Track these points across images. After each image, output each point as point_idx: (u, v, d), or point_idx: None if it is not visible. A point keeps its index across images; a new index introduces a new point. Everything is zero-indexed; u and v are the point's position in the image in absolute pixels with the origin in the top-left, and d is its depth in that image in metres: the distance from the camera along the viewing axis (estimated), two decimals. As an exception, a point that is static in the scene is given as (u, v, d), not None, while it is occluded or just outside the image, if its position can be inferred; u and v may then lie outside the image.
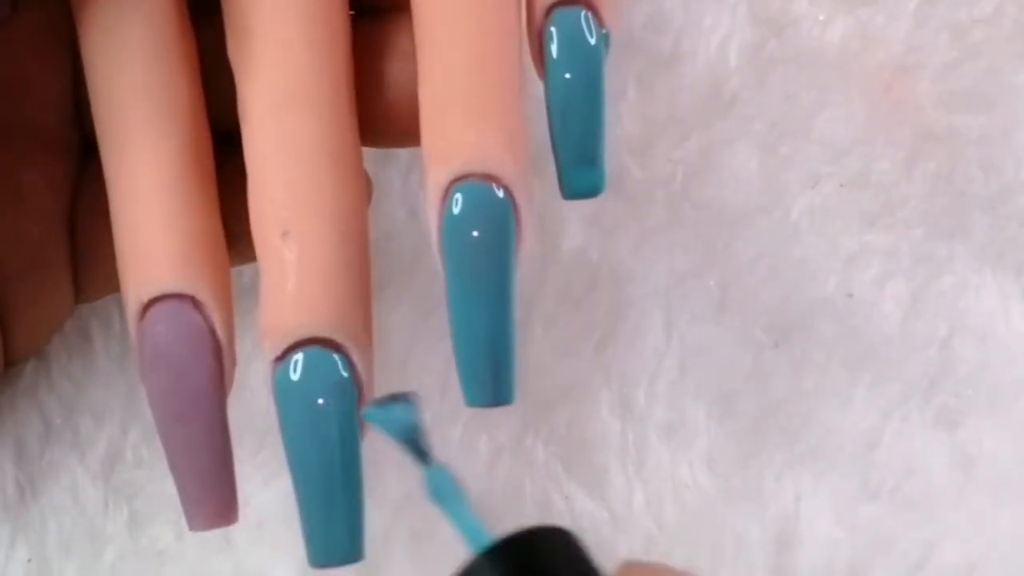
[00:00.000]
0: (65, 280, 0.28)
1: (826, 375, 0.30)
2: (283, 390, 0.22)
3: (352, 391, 0.23)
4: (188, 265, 0.23)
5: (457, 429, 0.29)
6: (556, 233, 0.31)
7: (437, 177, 0.22)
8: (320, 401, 0.22)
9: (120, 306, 0.30)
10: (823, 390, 0.30)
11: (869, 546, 0.29)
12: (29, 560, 0.29)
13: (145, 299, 0.23)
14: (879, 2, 0.32)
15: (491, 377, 0.23)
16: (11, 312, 0.27)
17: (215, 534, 0.29)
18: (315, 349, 0.22)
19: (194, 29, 0.25)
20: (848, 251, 0.31)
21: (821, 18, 0.32)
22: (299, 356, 0.22)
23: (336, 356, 0.22)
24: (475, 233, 0.22)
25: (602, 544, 0.29)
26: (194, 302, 0.23)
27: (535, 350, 0.30)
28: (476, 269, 0.22)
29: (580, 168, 0.23)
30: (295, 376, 0.22)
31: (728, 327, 0.31)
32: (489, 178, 0.22)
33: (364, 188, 0.24)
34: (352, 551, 0.23)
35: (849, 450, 0.30)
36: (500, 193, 0.22)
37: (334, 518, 0.22)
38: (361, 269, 0.23)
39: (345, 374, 0.22)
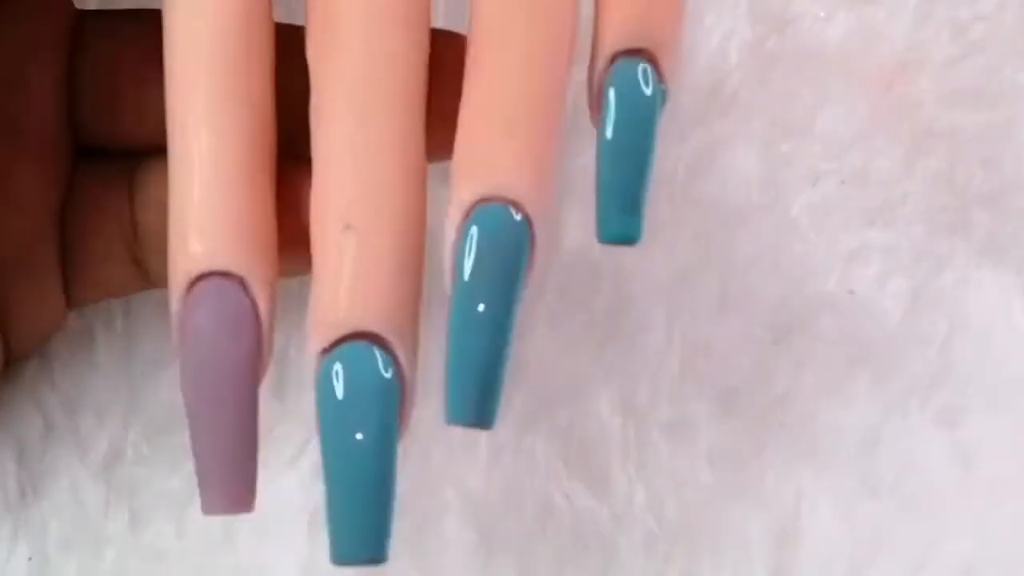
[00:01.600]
0: (55, 282, 0.28)
1: (827, 372, 0.30)
2: (326, 382, 0.22)
3: (395, 389, 0.23)
4: (240, 246, 0.23)
5: (458, 428, 0.29)
6: (558, 232, 0.31)
7: (461, 195, 0.23)
8: (359, 390, 0.22)
9: (123, 306, 0.30)
10: (824, 387, 0.30)
11: (869, 543, 0.29)
12: (30, 558, 0.29)
13: (193, 274, 0.23)
14: (880, -1, 0.32)
15: (477, 400, 0.23)
16: (4, 308, 0.27)
17: (217, 532, 0.29)
18: (362, 343, 0.22)
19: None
20: (849, 248, 0.31)
21: (822, 15, 0.32)
22: (345, 349, 0.22)
23: (382, 352, 0.22)
24: (487, 256, 0.22)
25: (603, 542, 0.29)
26: (242, 283, 0.23)
27: (536, 348, 0.30)
28: (482, 292, 0.22)
29: (620, 216, 0.23)
30: (339, 369, 0.22)
31: (729, 324, 0.31)
32: (511, 204, 0.23)
33: (427, 185, 0.24)
34: (377, 551, 0.22)
35: (850, 447, 0.30)
36: (518, 220, 0.23)
37: (364, 515, 0.22)
38: (417, 272, 0.23)
39: (389, 372, 0.22)
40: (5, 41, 0.26)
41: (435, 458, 0.29)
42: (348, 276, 0.23)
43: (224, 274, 0.23)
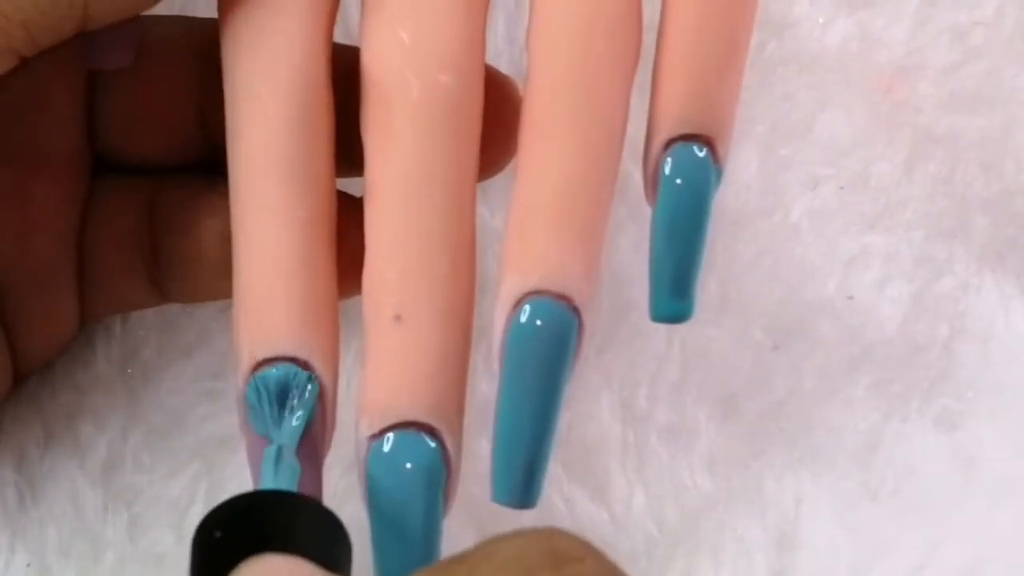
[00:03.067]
0: (70, 297, 0.28)
1: (826, 377, 0.30)
2: (375, 465, 0.23)
3: (441, 472, 0.23)
4: (304, 330, 0.24)
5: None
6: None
7: (512, 286, 0.23)
8: (408, 478, 0.23)
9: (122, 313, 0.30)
10: (823, 392, 0.30)
11: (869, 548, 0.29)
12: (28, 565, 0.29)
13: (259, 357, 0.24)
14: (879, 4, 0.32)
15: (522, 482, 0.24)
16: (19, 327, 0.27)
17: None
18: (411, 432, 0.23)
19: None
20: (848, 253, 0.31)
21: (821, 20, 0.32)
22: (395, 435, 0.23)
23: (429, 439, 0.23)
24: (537, 347, 0.23)
25: (603, 546, 0.29)
26: (306, 366, 0.24)
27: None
28: (530, 381, 0.23)
29: (672, 297, 0.24)
30: (388, 453, 0.23)
31: (728, 329, 0.31)
32: (562, 298, 0.23)
33: (475, 275, 0.24)
34: None
35: (849, 452, 0.30)
36: (569, 314, 0.23)
37: None
38: (464, 356, 0.24)
39: (436, 457, 0.23)
40: (29, 64, 0.26)
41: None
42: (398, 367, 0.23)
43: (289, 358, 0.24)
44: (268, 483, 0.23)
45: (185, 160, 0.28)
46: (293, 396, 0.23)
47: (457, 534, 0.29)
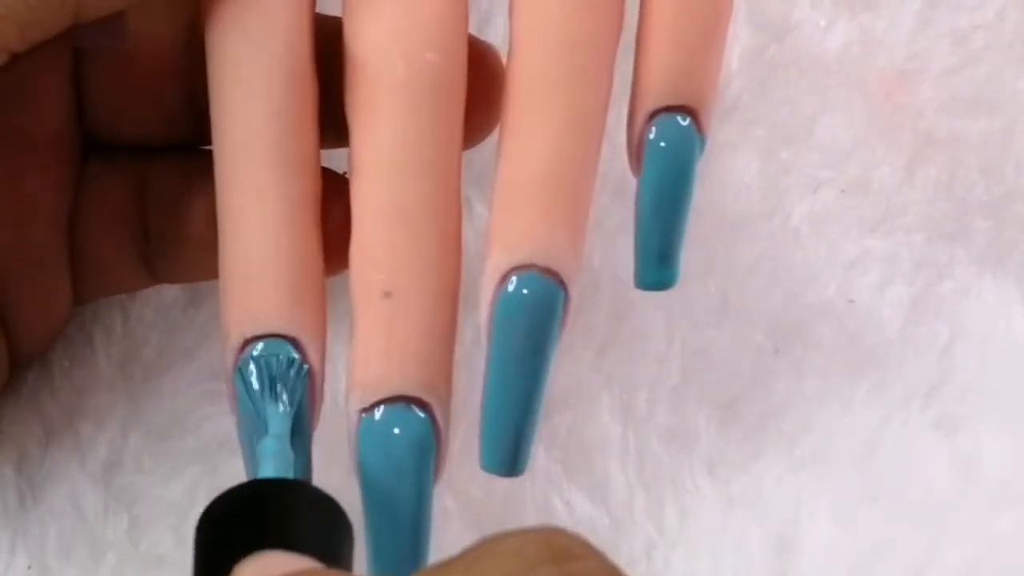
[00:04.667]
0: (64, 282, 0.28)
1: (826, 380, 0.30)
2: (366, 440, 0.23)
3: (431, 444, 0.24)
4: (293, 308, 0.24)
5: (459, 434, 0.29)
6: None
7: (499, 260, 0.24)
8: (400, 450, 0.23)
9: (122, 313, 0.30)
10: (823, 395, 0.30)
11: (869, 551, 0.29)
12: (29, 567, 0.29)
13: (248, 335, 0.24)
14: (880, 8, 0.32)
15: (510, 451, 0.24)
16: (13, 313, 0.27)
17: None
18: (401, 405, 0.23)
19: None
20: (849, 256, 0.31)
21: (822, 24, 0.32)
22: (385, 409, 0.23)
23: (420, 412, 0.23)
24: (523, 320, 0.23)
25: (603, 549, 0.29)
26: (294, 343, 0.24)
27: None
28: (518, 352, 0.24)
29: (657, 265, 0.25)
30: (378, 426, 0.23)
31: (729, 332, 0.31)
32: (549, 272, 0.23)
33: (462, 251, 0.25)
34: None
35: (849, 455, 0.30)
36: (555, 287, 0.23)
37: (402, 564, 0.24)
38: (452, 331, 0.24)
39: (427, 429, 0.23)
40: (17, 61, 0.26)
41: (435, 465, 0.29)
42: (387, 342, 0.24)
43: (278, 336, 0.24)
44: (267, 473, 0.23)
45: (174, 137, 0.28)
46: (283, 381, 0.24)
47: (457, 536, 0.29)
